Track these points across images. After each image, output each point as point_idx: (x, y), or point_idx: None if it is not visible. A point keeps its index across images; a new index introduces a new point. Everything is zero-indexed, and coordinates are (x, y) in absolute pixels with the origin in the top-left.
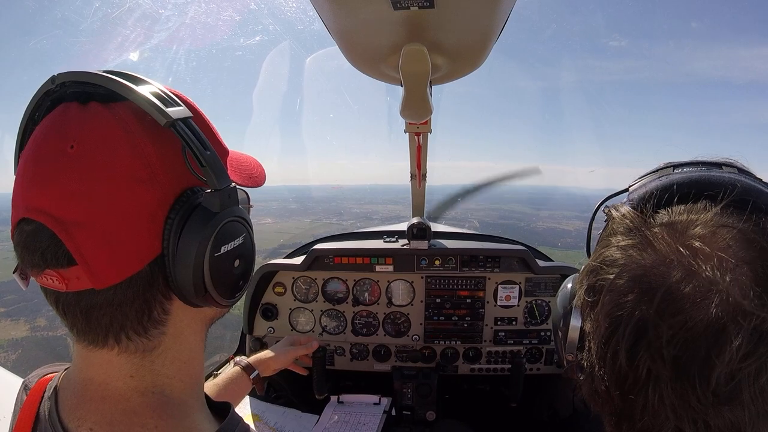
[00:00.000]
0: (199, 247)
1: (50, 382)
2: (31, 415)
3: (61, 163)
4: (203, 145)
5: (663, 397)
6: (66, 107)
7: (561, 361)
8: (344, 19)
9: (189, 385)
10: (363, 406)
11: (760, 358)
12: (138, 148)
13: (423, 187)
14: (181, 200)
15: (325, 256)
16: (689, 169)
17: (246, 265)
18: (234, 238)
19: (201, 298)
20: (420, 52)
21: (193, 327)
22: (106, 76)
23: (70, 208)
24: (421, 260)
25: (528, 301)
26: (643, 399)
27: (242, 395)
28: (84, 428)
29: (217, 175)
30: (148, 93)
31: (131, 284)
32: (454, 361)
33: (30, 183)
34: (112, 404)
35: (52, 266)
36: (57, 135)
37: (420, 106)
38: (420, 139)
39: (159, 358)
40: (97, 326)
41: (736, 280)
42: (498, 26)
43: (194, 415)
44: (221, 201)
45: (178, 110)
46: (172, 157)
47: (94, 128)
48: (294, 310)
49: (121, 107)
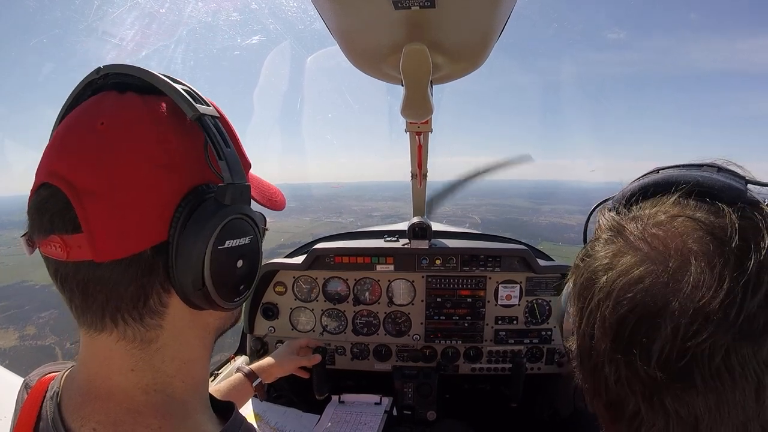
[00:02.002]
0: (204, 235)
1: (52, 382)
2: (32, 414)
3: (88, 136)
4: (224, 142)
5: (618, 369)
6: (105, 94)
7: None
8: (345, 18)
9: (191, 386)
10: (364, 406)
11: (709, 340)
12: (162, 136)
13: (424, 186)
14: (195, 192)
15: (325, 255)
16: (668, 172)
17: (249, 268)
18: (240, 236)
19: (199, 295)
20: (421, 52)
21: (195, 331)
22: (146, 70)
23: (87, 176)
24: (421, 259)
25: (529, 301)
26: (604, 374)
27: (244, 401)
28: (87, 428)
29: (232, 171)
30: (182, 89)
31: (130, 265)
32: (454, 360)
33: (55, 151)
34: (116, 403)
35: (58, 231)
36: (90, 114)
37: (421, 105)
38: (421, 139)
39: (158, 354)
40: (93, 303)
41: (685, 263)
42: (499, 26)
43: (197, 415)
44: (233, 195)
45: (207, 108)
46: (193, 153)
47: (126, 112)
48: (294, 310)
49: (155, 99)
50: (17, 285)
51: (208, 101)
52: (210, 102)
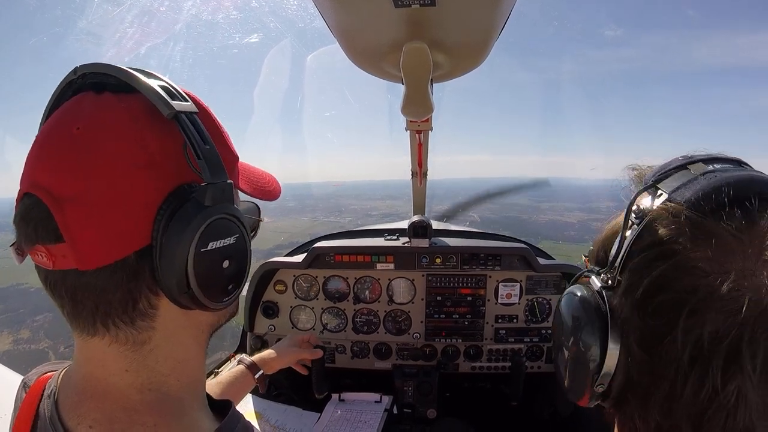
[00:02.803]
0: (185, 239)
1: (49, 381)
2: (30, 413)
3: (64, 142)
4: (203, 139)
5: None
6: (82, 96)
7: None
8: (345, 16)
9: (186, 385)
10: (364, 404)
11: None
12: (141, 136)
13: (424, 185)
14: (177, 193)
15: (326, 254)
16: (722, 167)
17: (237, 267)
18: (224, 236)
19: (186, 297)
20: (421, 50)
21: (188, 330)
22: (119, 67)
23: (66, 183)
24: (422, 258)
25: (529, 299)
26: None
27: (245, 393)
28: (84, 426)
29: (212, 169)
30: (157, 86)
31: (115, 271)
32: (454, 359)
33: (34, 160)
34: (113, 402)
35: (42, 241)
36: (67, 118)
37: (421, 103)
38: (421, 137)
39: (152, 354)
40: (83, 309)
41: None
42: (499, 24)
43: (193, 413)
44: (213, 195)
45: (184, 104)
46: (174, 151)
47: (102, 114)
48: (295, 308)
49: (132, 98)
50: (12, 288)
51: (188, 94)
52: (190, 95)
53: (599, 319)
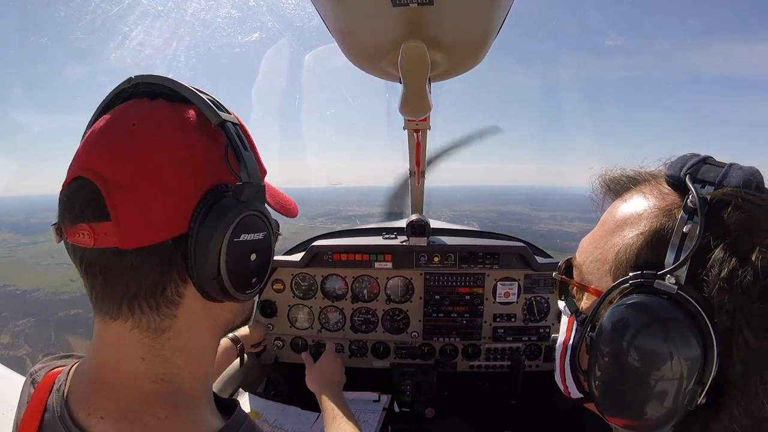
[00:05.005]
0: (221, 227)
1: (59, 375)
2: (39, 407)
3: (120, 134)
4: (243, 146)
5: None
6: (137, 101)
7: (667, 418)
8: (343, 15)
9: (198, 379)
10: (362, 403)
11: None
12: (188, 139)
13: (422, 184)
14: (215, 190)
15: (324, 252)
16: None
17: (262, 262)
18: (255, 231)
19: (214, 285)
20: (419, 49)
21: (206, 323)
22: (176, 80)
23: (117, 170)
24: (420, 257)
25: (527, 298)
26: None
27: (229, 363)
28: (95, 417)
29: (249, 172)
30: (207, 98)
31: (152, 253)
32: (453, 357)
33: (89, 148)
34: (125, 392)
35: (87, 219)
36: (124, 116)
37: (419, 103)
38: (419, 136)
39: (169, 343)
40: (113, 290)
41: None
42: (497, 23)
43: (202, 408)
44: (249, 193)
45: (229, 116)
46: (215, 155)
47: (157, 116)
48: (293, 307)
49: (182, 106)
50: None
51: (230, 111)
52: (231, 111)
53: (691, 320)
